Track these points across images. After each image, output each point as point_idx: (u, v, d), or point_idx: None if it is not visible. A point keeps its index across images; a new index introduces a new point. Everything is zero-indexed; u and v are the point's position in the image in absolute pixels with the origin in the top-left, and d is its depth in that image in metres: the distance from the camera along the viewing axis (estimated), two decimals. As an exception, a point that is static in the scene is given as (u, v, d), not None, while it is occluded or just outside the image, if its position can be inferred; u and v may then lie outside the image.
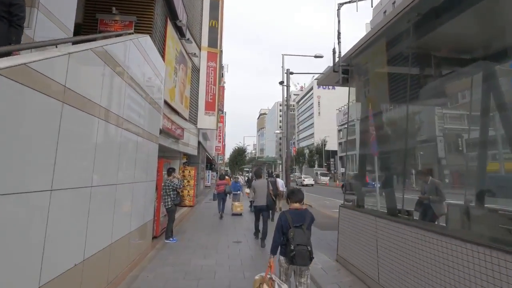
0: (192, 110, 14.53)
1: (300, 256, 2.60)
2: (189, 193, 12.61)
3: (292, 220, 2.75)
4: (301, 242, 2.63)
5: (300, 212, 2.87)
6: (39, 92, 2.20)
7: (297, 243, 2.61)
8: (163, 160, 6.57)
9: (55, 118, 2.43)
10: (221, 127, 34.84)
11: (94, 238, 3.25)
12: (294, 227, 2.71)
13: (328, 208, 13.24)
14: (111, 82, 3.65)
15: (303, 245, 2.63)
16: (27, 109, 2.09)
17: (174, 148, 11.51)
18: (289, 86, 16.53)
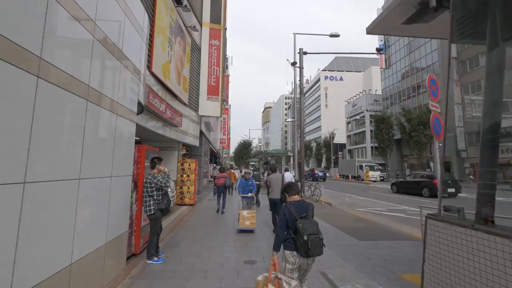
0: (193, 94, 12.64)
1: (314, 246, 2.49)
2: (189, 189, 10.80)
3: (296, 212, 2.64)
4: (313, 232, 2.54)
5: (301, 203, 2.79)
6: None
7: (309, 233, 2.51)
8: (145, 147, 4.72)
9: None
10: (225, 118, 32.95)
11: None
12: (300, 218, 2.61)
13: (351, 207, 11.34)
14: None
15: (315, 234, 2.54)
16: None
17: (171, 137, 9.68)
18: (303, 68, 14.51)
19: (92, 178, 2.98)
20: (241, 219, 6.53)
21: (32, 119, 2.05)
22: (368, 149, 51.81)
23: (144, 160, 4.65)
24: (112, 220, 3.44)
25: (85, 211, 2.82)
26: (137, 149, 4.58)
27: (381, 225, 7.55)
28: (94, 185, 3.01)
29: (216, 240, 5.80)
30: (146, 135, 8.89)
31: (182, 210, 9.55)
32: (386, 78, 49.98)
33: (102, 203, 3.23)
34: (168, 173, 4.38)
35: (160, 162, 4.41)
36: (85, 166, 2.80)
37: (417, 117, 32.01)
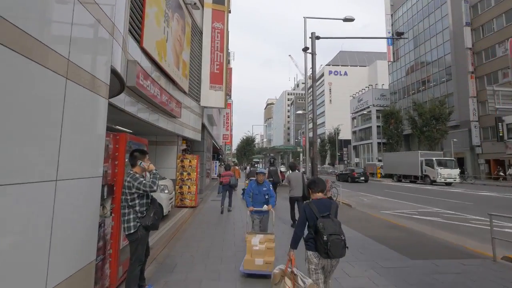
0: (194, 83, 11.26)
1: (335, 247, 2.34)
2: (189, 189, 9.46)
3: (318, 210, 2.51)
4: (334, 232, 2.38)
5: (324, 201, 2.64)
6: None
7: (329, 233, 2.36)
8: (126, 136, 3.35)
9: None
10: (228, 113, 31.56)
11: None
12: (321, 217, 2.47)
13: (374, 209, 9.96)
14: None
15: (336, 234, 2.38)
16: None
17: (168, 129, 8.33)
18: (315, 54, 13.06)
19: (13, 185, 1.63)
20: (250, 254, 3.75)
21: None
22: (375, 145, 50.25)
23: (124, 154, 3.28)
24: (64, 249, 2.11)
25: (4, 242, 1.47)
26: (114, 139, 3.21)
27: (424, 235, 6.18)
28: (20, 195, 1.66)
29: (224, 258, 4.45)
30: (139, 127, 7.54)
31: (182, 214, 8.22)
32: (394, 72, 48.28)
33: (39, 224, 1.88)
34: (155, 172, 3.02)
35: (144, 157, 3.04)
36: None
37: (429, 111, 30.41)
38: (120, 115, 5.71)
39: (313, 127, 12.95)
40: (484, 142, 30.41)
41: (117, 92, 3.97)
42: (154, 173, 2.98)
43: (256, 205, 4.78)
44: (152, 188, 2.84)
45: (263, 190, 4.87)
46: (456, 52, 34.38)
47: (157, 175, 2.97)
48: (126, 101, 5.40)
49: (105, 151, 2.92)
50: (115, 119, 6.10)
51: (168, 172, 9.51)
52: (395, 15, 47.80)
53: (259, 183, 4.90)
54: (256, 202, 4.82)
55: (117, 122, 6.54)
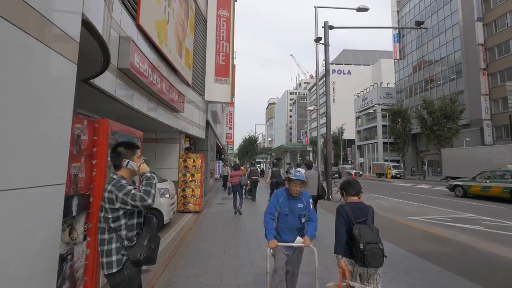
0: (198, 75, 10.26)
1: (372, 256, 2.15)
2: (193, 192, 8.45)
3: (353, 215, 2.31)
4: (371, 240, 2.19)
5: (360, 205, 2.44)
6: None
7: (366, 241, 2.17)
8: (108, 123, 2.33)
9: None
10: (231, 111, 30.57)
11: None
12: (357, 223, 2.28)
13: (398, 214, 8.92)
14: None
15: (374, 243, 2.18)
16: None
17: (169, 124, 7.34)
18: (328, 45, 12.04)
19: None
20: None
21: None
22: (380, 145, 49.13)
23: (106, 149, 2.27)
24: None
25: None
26: (89, 127, 2.20)
27: (477, 250, 5.15)
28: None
29: (242, 287, 3.44)
30: (136, 121, 6.54)
31: (185, 222, 7.21)
32: (400, 70, 47.13)
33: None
34: (150, 175, 1.98)
35: (133, 154, 2.00)
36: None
37: (440, 109, 29.28)
38: (111, 104, 4.71)
39: (327, 124, 11.94)
40: (497, 141, 29.25)
41: (101, 68, 2.96)
42: (149, 177, 1.94)
43: (285, 234, 2.74)
44: (146, 201, 1.81)
45: (297, 207, 2.74)
46: (466, 49, 33.24)
47: (154, 181, 1.93)
48: (117, 86, 4.39)
49: (75, 144, 1.92)
50: (105, 109, 5.09)
51: (170, 173, 8.51)
52: (401, 12, 46.64)
53: (294, 196, 2.75)
54: (285, 229, 2.75)
55: (109, 114, 5.53)
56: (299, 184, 2.70)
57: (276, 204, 2.77)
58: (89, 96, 4.16)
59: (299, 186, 2.71)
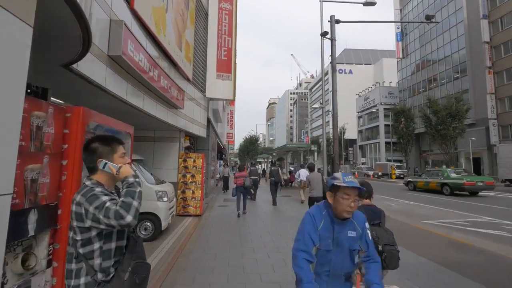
0: (198, 70, 9.74)
1: (391, 258, 2.14)
2: (194, 195, 7.93)
3: (368, 218, 1.98)
4: (388, 242, 2.18)
5: (373, 208, 2.44)
6: None
7: (384, 243, 2.16)
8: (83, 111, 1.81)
9: None
10: (232, 110, 30.06)
11: None
12: (372, 225, 2.19)
13: (412, 217, 8.39)
14: None
15: (391, 244, 2.18)
16: None
17: (168, 121, 6.82)
18: (335, 40, 11.51)
19: None
20: None
21: None
22: (382, 145, 48.62)
23: (82, 146, 1.74)
24: None
25: None
26: (57, 115, 1.68)
27: (507, 260, 4.62)
28: None
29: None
30: (131, 117, 6.02)
31: (185, 227, 6.68)
32: (403, 69, 46.57)
33: None
34: (132, 181, 1.43)
35: (114, 151, 1.47)
36: None
37: (445, 108, 28.70)
38: (101, 97, 4.19)
39: (333, 122, 11.40)
40: (503, 141, 28.69)
41: (81, 48, 2.43)
42: (131, 183, 1.40)
43: (329, 283, 1.61)
44: (123, 218, 1.26)
45: (347, 238, 1.60)
46: (471, 47, 32.68)
47: (137, 188, 1.40)
48: (108, 77, 3.87)
49: (33, 138, 1.40)
50: (95, 103, 4.57)
51: (169, 174, 7.99)
52: (404, 10, 46.09)
53: (342, 218, 1.60)
54: (325, 276, 1.62)
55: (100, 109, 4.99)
56: (353, 196, 1.54)
57: (314, 233, 1.58)
58: (74, 86, 3.64)
59: (354, 200, 1.55)
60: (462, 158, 32.00)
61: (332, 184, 1.59)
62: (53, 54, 2.65)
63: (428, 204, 11.24)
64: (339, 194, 1.55)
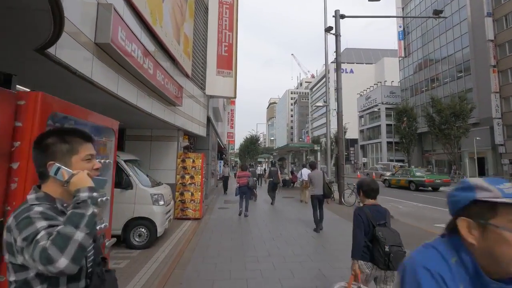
0: (198, 66, 9.32)
1: (397, 259, 2.06)
2: (193, 197, 7.51)
3: (373, 217, 2.23)
4: (395, 243, 2.13)
5: (378, 208, 2.37)
6: None
7: (391, 244, 2.10)
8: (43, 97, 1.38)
9: None
10: (233, 109, 29.65)
11: None
12: (378, 225, 2.21)
13: (424, 221, 7.96)
14: None
15: (398, 245, 2.13)
16: None
17: (166, 119, 6.41)
18: (340, 35, 11.08)
19: None
20: None
21: None
22: (384, 145, 48.21)
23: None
24: None
25: None
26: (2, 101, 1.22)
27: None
28: None
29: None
30: (125, 114, 5.61)
31: (183, 231, 6.26)
32: (406, 68, 46.14)
33: None
34: (85, 196, 0.93)
35: (74, 151, 1.03)
36: None
37: (449, 107, 28.26)
38: (88, 91, 3.77)
39: (338, 121, 10.98)
40: (508, 141, 28.28)
41: (52, 26, 2.00)
42: (82, 200, 0.91)
43: None
44: (53, 262, 0.79)
45: None
46: (475, 45, 32.25)
47: (87, 209, 0.90)
48: (96, 67, 3.45)
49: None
50: (83, 98, 4.14)
51: (166, 175, 7.57)
52: (406, 8, 45.63)
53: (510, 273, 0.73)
54: None
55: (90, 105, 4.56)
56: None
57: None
58: (56, 78, 3.22)
59: None
60: (466, 158, 31.51)
61: (473, 201, 0.75)
62: (21, 36, 2.23)
63: (436, 206, 10.81)
64: (500, 222, 0.69)
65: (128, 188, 4.85)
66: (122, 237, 4.82)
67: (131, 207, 4.84)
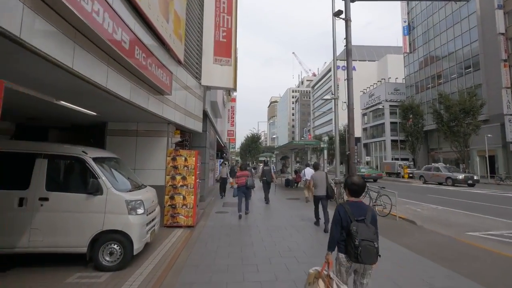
0: (192, 53, 8.28)
1: (366, 253, 2.22)
2: (185, 201, 6.46)
3: (352, 213, 2.37)
4: (367, 237, 2.25)
5: (360, 204, 2.47)
6: None
7: (361, 238, 2.25)
8: None
9: None
10: (233, 107, 28.59)
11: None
12: (356, 220, 2.33)
13: (451, 227, 6.89)
14: None
15: (369, 240, 2.25)
16: None
17: (152, 110, 5.37)
18: (350, 20, 9.99)
19: None
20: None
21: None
22: (388, 143, 47.08)
23: None
24: None
25: None
26: None
27: None
28: None
29: None
30: (103, 103, 4.58)
31: (172, 243, 5.22)
32: (411, 64, 44.90)
33: None
34: None
35: None
36: None
37: (458, 103, 27.09)
38: (32, 63, 2.73)
39: (349, 114, 9.91)
40: (520, 138, 27.07)
41: None
42: None
43: None
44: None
45: None
46: (484, 39, 31.04)
47: None
48: (40, 32, 2.42)
49: None
50: (25, 74, 3.08)
51: (154, 176, 6.54)
52: (411, 2, 44.34)
53: None
54: None
55: (40, 85, 3.50)
56: None
57: None
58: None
59: None
60: (477, 156, 30.35)
61: None
62: None
63: (457, 209, 9.72)
64: None
65: (96, 194, 3.80)
66: (88, 255, 3.78)
67: (100, 217, 3.80)
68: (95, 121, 6.70)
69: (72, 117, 6.18)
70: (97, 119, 6.49)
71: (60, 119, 6.55)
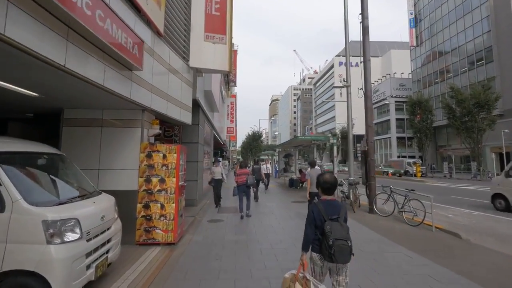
0: (177, 27, 6.76)
1: (340, 252, 2.19)
2: (164, 211, 4.94)
3: (326, 212, 2.33)
4: (341, 237, 2.22)
5: (333, 203, 2.43)
6: None
7: (335, 238, 2.21)
8: None
9: None
10: (233, 102, 27.04)
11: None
12: (330, 219, 2.30)
13: (506, 243, 5.36)
14: None
15: (343, 239, 2.22)
16: None
17: (110, 88, 3.79)
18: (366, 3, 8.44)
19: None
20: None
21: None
22: (394, 140, 45.43)
23: None
24: None
25: None
26: None
27: None
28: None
29: None
30: (25, 72, 3.06)
31: (140, 270, 3.69)
32: (418, 57, 43.18)
33: None
34: None
35: None
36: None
37: (472, 97, 25.45)
38: None
39: (366, 103, 8.40)
40: (537, 134, 25.39)
41: None
42: None
43: None
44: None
45: None
46: (497, 30, 29.32)
47: None
48: None
49: None
50: None
51: (124, 178, 5.03)
52: None
53: None
54: None
55: None
56: None
57: None
58: None
59: None
60: (491, 153, 28.68)
61: None
62: None
63: (496, 214, 8.16)
64: None
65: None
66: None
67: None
68: (51, 108, 5.22)
69: (12, 103, 4.68)
70: (53, 106, 5.01)
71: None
